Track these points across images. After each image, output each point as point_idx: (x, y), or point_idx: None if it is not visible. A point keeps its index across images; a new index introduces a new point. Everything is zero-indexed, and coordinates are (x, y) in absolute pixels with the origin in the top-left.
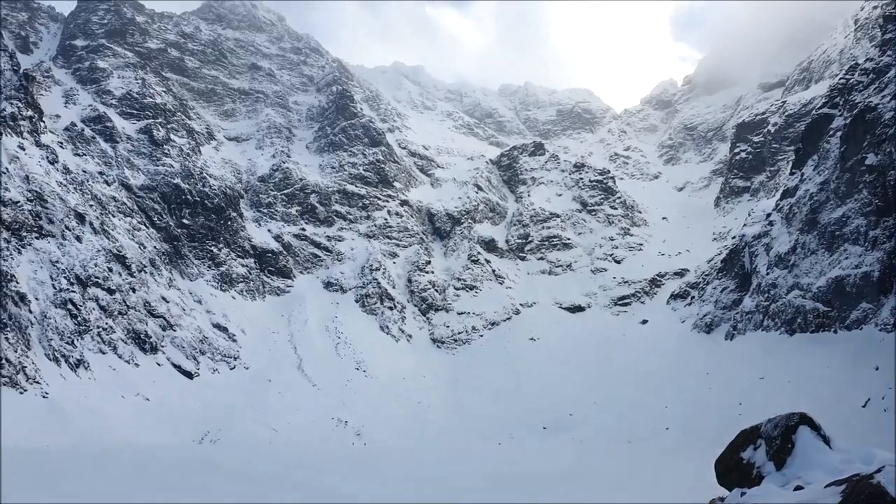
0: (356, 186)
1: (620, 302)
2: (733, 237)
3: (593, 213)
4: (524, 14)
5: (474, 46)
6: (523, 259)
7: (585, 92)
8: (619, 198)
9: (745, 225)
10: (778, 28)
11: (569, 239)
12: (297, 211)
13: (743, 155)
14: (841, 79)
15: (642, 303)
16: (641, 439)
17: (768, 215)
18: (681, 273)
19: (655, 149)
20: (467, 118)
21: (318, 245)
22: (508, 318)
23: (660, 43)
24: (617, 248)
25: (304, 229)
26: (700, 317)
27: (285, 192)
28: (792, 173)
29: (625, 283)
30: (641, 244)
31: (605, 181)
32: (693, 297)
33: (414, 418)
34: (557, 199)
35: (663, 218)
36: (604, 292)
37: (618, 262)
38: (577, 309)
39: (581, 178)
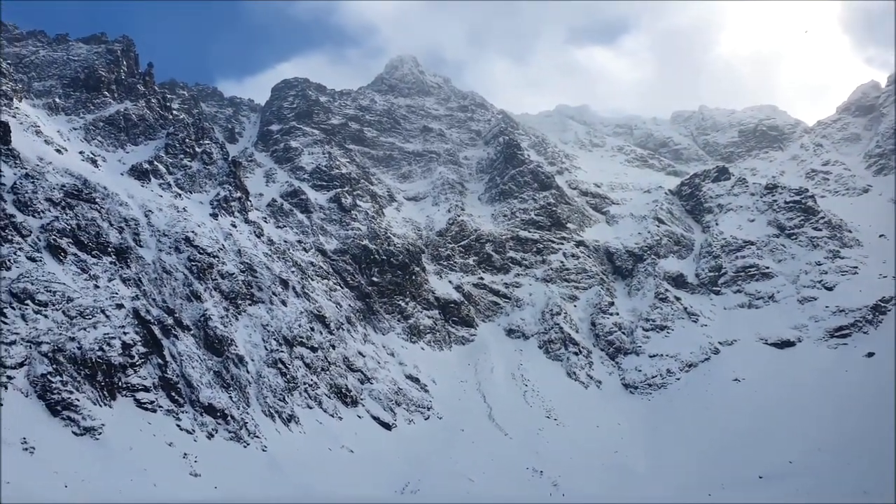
0: (529, 232)
1: (837, 334)
2: None
3: (793, 237)
4: (681, 41)
5: (635, 80)
6: (717, 293)
7: (769, 108)
8: (822, 218)
9: None
10: None
11: (768, 268)
12: (474, 261)
13: None
14: None
15: (865, 333)
16: (881, 492)
17: None
18: None
19: (861, 160)
20: (640, 150)
21: (496, 293)
22: (706, 359)
23: (837, 47)
24: (826, 273)
25: (482, 278)
26: None
27: (462, 243)
28: None
29: (840, 311)
30: (856, 267)
31: (803, 201)
32: None
33: (612, 468)
34: (750, 225)
35: (881, 236)
36: (815, 324)
37: (829, 288)
38: (785, 344)
39: (775, 201)
